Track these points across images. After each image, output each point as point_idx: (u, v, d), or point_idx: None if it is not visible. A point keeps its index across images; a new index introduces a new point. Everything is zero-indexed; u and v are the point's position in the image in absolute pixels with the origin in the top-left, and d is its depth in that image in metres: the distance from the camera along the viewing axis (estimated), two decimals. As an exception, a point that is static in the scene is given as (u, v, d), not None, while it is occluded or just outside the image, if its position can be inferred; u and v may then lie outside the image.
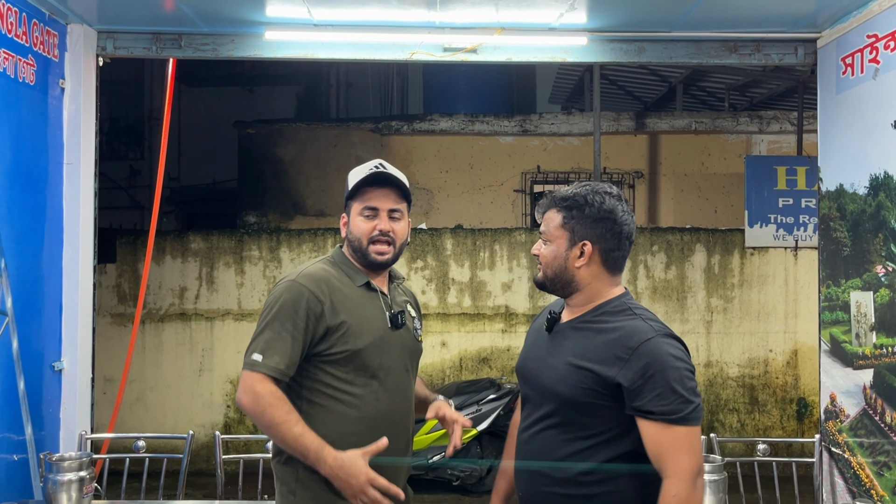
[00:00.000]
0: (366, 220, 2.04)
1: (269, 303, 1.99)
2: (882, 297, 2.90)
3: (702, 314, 6.75)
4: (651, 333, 1.74)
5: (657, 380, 1.69)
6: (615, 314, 1.81)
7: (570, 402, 1.77)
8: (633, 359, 1.71)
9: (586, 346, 1.79)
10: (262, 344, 1.94)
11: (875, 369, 2.94)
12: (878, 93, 2.91)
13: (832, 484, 3.21)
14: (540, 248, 1.88)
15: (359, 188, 2.04)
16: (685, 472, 1.67)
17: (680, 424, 1.68)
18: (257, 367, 1.92)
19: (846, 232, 3.15)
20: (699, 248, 6.79)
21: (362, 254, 2.04)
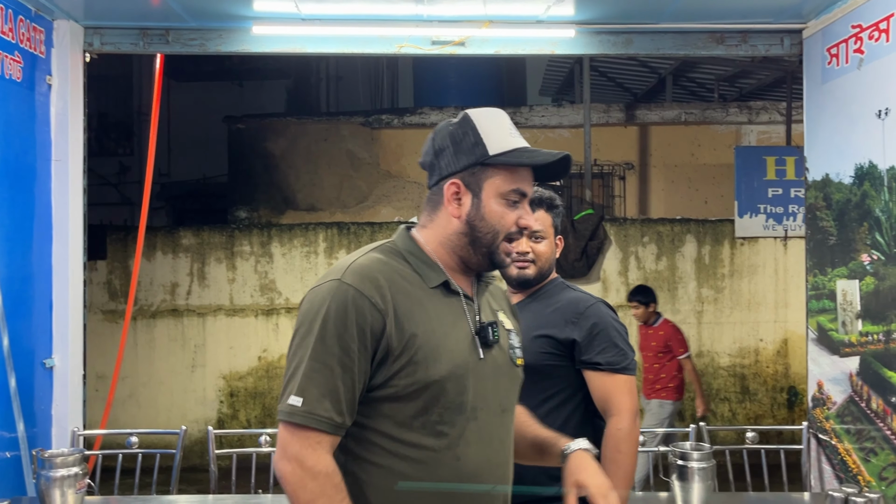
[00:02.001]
0: (510, 208, 1.43)
1: (306, 316, 1.35)
2: (867, 285, 2.93)
3: (693, 304, 6.79)
4: (592, 300, 2.10)
5: (602, 337, 2.05)
6: (558, 290, 2.12)
7: (533, 368, 1.92)
8: (582, 320, 2.05)
9: (539, 318, 2.05)
10: (301, 381, 1.32)
11: (861, 357, 2.97)
12: (862, 83, 2.93)
13: (820, 470, 3.25)
14: (532, 247, 2.05)
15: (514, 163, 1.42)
16: (627, 411, 2.01)
17: (621, 373, 2.04)
18: (298, 418, 1.31)
19: (832, 221, 3.18)
20: (690, 239, 6.82)
21: (489, 250, 1.43)
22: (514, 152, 1.41)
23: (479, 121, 1.43)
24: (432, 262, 1.44)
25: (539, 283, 2.10)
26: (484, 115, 1.44)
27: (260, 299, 6.57)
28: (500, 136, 1.42)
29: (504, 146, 1.41)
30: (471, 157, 1.41)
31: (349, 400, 1.33)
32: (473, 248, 1.43)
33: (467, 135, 1.42)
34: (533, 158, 1.42)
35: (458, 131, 1.43)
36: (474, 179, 1.41)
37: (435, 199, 1.45)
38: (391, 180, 8.12)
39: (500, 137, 1.42)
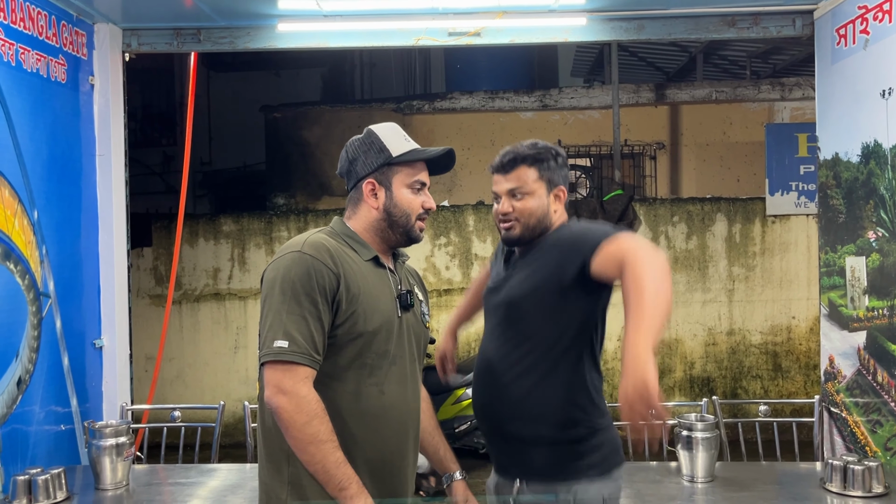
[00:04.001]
0: (415, 194, 1.83)
1: (273, 280, 1.67)
2: (873, 261, 2.99)
3: (723, 283, 6.82)
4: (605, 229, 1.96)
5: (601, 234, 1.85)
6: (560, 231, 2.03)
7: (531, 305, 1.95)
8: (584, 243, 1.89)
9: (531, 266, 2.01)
10: (281, 328, 1.62)
11: (868, 331, 3.04)
12: (868, 63, 2.98)
13: (832, 442, 3.33)
14: (513, 205, 2.00)
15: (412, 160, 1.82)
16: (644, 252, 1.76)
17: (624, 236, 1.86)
18: (286, 356, 1.60)
19: (841, 199, 3.24)
20: (720, 218, 6.83)
21: (405, 229, 1.83)
22: (411, 152, 1.82)
23: (381, 133, 1.84)
24: (364, 242, 1.83)
25: (532, 238, 2.01)
26: (384, 128, 1.86)
27: (298, 283, 6.81)
28: (398, 143, 1.83)
29: (402, 149, 1.82)
30: (379, 160, 1.81)
31: (321, 342, 1.67)
32: (392, 230, 1.84)
33: (373, 144, 1.82)
34: (426, 154, 1.83)
35: (365, 143, 1.84)
36: (384, 177, 1.82)
37: (356, 197, 1.86)
38: (424, 165, 8.26)
39: (398, 143, 1.83)
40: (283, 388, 1.61)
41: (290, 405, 1.60)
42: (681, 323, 6.85)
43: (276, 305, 1.65)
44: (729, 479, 2.69)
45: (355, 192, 1.85)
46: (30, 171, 2.91)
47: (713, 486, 2.61)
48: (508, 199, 2.02)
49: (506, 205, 2.02)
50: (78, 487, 2.71)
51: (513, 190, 2.02)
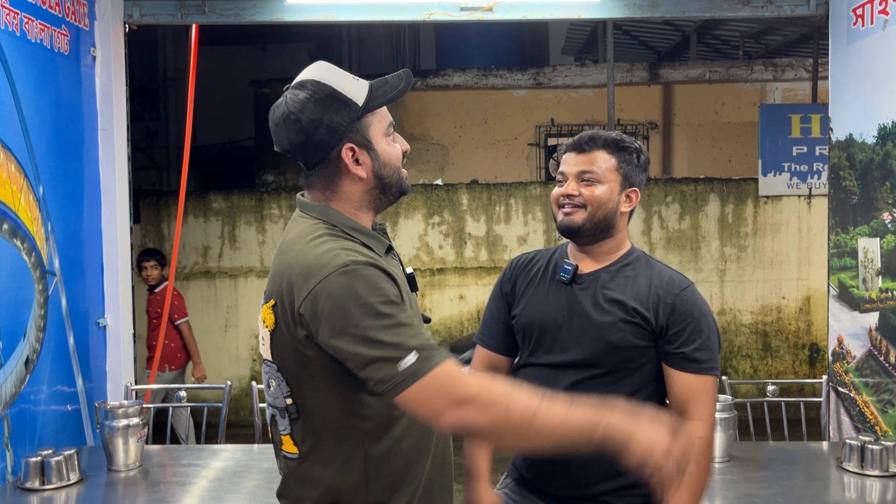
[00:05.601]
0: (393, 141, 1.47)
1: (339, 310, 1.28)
2: (888, 242, 3.01)
3: (715, 263, 6.87)
4: (687, 282, 1.83)
5: (699, 329, 1.76)
6: (641, 263, 1.86)
7: (619, 349, 1.78)
8: (678, 304, 1.77)
9: (630, 290, 1.81)
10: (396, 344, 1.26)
11: (881, 312, 3.07)
12: (886, 44, 2.97)
13: (839, 422, 3.37)
14: (581, 190, 1.81)
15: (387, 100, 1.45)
16: (710, 417, 1.78)
17: (710, 374, 1.76)
18: (427, 368, 1.25)
19: (855, 181, 3.25)
20: (713, 198, 6.87)
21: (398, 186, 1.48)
22: (376, 93, 1.42)
23: (333, 80, 1.41)
24: (372, 233, 1.45)
25: (593, 234, 1.82)
26: (329, 72, 1.43)
27: (290, 261, 6.74)
28: (354, 86, 1.41)
29: (362, 92, 1.41)
30: (349, 117, 1.39)
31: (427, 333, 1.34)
32: (385, 195, 1.47)
33: (334, 98, 1.39)
34: (396, 86, 1.44)
35: (323, 100, 1.40)
36: (360, 135, 1.41)
37: (328, 173, 1.43)
38: (415, 142, 8.19)
39: (355, 86, 1.41)
40: (456, 399, 1.25)
41: (479, 409, 1.25)
42: (673, 302, 6.89)
43: (367, 334, 1.26)
44: (746, 459, 2.71)
45: (326, 166, 1.42)
46: (35, 146, 2.82)
47: (731, 467, 2.63)
48: (577, 182, 1.81)
49: (573, 186, 1.81)
50: (90, 469, 2.66)
51: (584, 173, 1.81)
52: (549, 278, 1.89)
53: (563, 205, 1.83)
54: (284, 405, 1.41)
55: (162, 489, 2.52)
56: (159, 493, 2.48)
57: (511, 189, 6.77)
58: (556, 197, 1.86)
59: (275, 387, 1.42)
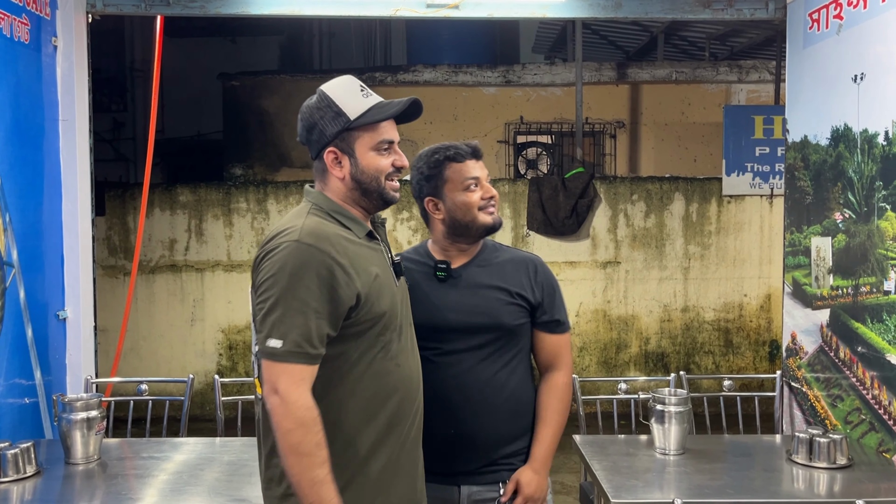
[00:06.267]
0: (382, 155, 1.72)
1: (269, 272, 1.58)
2: (839, 241, 3.10)
3: (679, 261, 6.98)
4: (539, 258, 2.15)
5: (559, 295, 2.13)
6: (496, 249, 2.14)
7: (509, 328, 2.04)
8: (543, 280, 2.09)
9: (504, 276, 2.06)
10: (277, 325, 1.55)
11: (831, 309, 3.15)
12: (840, 48, 3.05)
13: (791, 416, 3.46)
14: None
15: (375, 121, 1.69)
16: (570, 365, 2.16)
17: (568, 331, 2.16)
18: (280, 357, 1.54)
19: (809, 181, 3.33)
20: (678, 197, 6.97)
21: (378, 193, 1.72)
22: (371, 111, 1.69)
23: (335, 93, 1.70)
24: (354, 217, 1.73)
25: None
26: (338, 87, 1.71)
27: (257, 255, 6.71)
28: (355, 102, 1.69)
29: (361, 108, 1.69)
30: (336, 127, 1.68)
31: (321, 335, 1.58)
32: (366, 197, 1.73)
33: (329, 108, 1.68)
34: (387, 111, 1.70)
35: (320, 107, 1.70)
36: (346, 144, 1.69)
37: (321, 167, 1.74)
38: (385, 138, 8.21)
39: (356, 102, 1.69)
40: (276, 389, 1.55)
41: (280, 409, 1.54)
42: (638, 299, 6.99)
43: (273, 301, 1.56)
44: (700, 451, 2.77)
45: (319, 161, 1.73)
46: (-8, 135, 2.79)
47: (685, 459, 2.69)
48: (488, 185, 2.05)
49: (491, 189, 2.04)
50: (48, 462, 2.64)
51: (487, 176, 2.06)
52: (425, 278, 2.06)
53: (487, 206, 2.03)
54: (255, 351, 1.66)
55: (120, 482, 2.51)
56: (117, 486, 2.47)
57: (479, 185, 6.80)
58: (478, 201, 2.02)
59: (252, 336, 1.71)
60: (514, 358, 2.06)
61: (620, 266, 6.99)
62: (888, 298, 2.75)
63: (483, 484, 2.03)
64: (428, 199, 2.04)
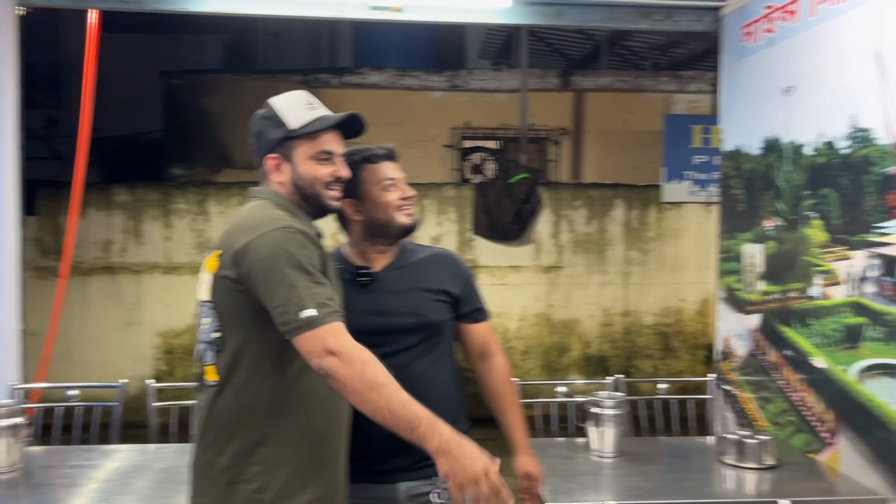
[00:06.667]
0: (321, 165, 1.81)
1: (270, 257, 1.62)
2: (770, 248, 3.19)
3: (620, 266, 7.11)
4: (451, 251, 2.23)
5: (473, 285, 2.19)
6: (412, 249, 2.16)
7: (437, 325, 2.08)
8: (462, 273, 2.16)
9: (424, 276, 2.10)
10: (303, 298, 1.58)
11: (762, 314, 3.25)
12: (771, 61, 3.15)
13: (724, 418, 3.55)
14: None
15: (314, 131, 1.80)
16: (501, 349, 2.21)
17: (489, 317, 2.22)
18: (320, 322, 1.57)
19: (742, 189, 3.43)
20: (619, 204, 7.10)
21: (316, 199, 1.82)
22: (312, 123, 1.80)
23: (279, 105, 1.82)
24: (303, 216, 1.82)
25: None
26: (284, 100, 1.84)
27: (196, 257, 6.58)
28: (298, 113, 1.81)
29: (304, 119, 1.80)
30: (278, 135, 1.80)
31: (336, 301, 1.68)
32: (306, 202, 1.83)
33: (272, 119, 1.81)
34: (326, 123, 1.81)
35: (265, 117, 1.83)
36: (286, 151, 1.81)
37: (264, 172, 1.86)
38: (330, 140, 8.14)
39: (299, 114, 1.81)
40: (329, 349, 1.56)
41: (342, 362, 1.56)
42: (579, 304, 7.09)
43: (287, 280, 1.60)
44: (634, 453, 2.82)
45: (263, 166, 1.85)
46: (-89, 129, 2.65)
47: (621, 461, 2.73)
48: (406, 186, 2.07)
49: (410, 189, 2.07)
50: (-34, 472, 2.52)
51: (402, 178, 2.08)
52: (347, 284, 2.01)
53: (404, 206, 2.05)
54: (212, 339, 1.73)
55: (45, 492, 2.43)
56: (42, 496, 2.38)
57: (425, 190, 6.81)
58: (395, 201, 2.04)
59: (207, 323, 1.74)
60: (442, 353, 2.10)
61: (563, 271, 7.08)
62: (813, 304, 2.85)
63: (420, 479, 2.04)
64: (346, 202, 2.02)
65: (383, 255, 2.10)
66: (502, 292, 6.99)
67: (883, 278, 2.48)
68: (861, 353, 2.58)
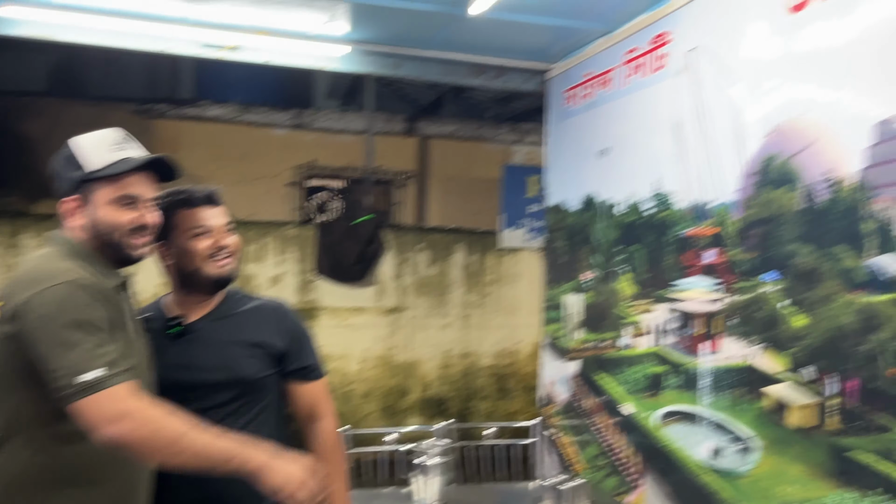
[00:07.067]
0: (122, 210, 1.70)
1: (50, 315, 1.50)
2: (588, 298, 3.38)
3: (460, 309, 7.26)
4: (286, 303, 2.10)
5: (308, 341, 2.07)
6: (240, 300, 2.05)
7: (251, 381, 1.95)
8: (291, 327, 2.03)
9: (245, 328, 1.98)
10: (84, 358, 1.47)
11: (580, 361, 3.42)
12: (590, 124, 3.38)
13: (546, 462, 3.68)
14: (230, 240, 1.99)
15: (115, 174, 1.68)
16: (332, 413, 2.09)
17: (323, 376, 2.08)
18: (101, 386, 1.45)
19: (564, 242, 3.62)
20: (460, 248, 7.29)
21: (115, 248, 1.71)
22: (113, 165, 1.69)
23: (80, 145, 1.71)
24: (102, 264, 1.70)
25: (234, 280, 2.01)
26: (85, 140, 1.73)
27: (6, 295, 6.00)
28: (100, 155, 1.70)
29: (105, 161, 1.69)
30: (74, 178, 1.69)
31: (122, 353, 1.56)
32: (107, 249, 1.71)
33: (69, 161, 1.70)
34: (128, 165, 1.70)
35: (62, 159, 1.72)
36: (84, 195, 1.70)
37: (62, 214, 1.76)
38: (166, 173, 7.78)
39: (100, 156, 1.70)
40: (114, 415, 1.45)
41: (132, 425, 1.45)
42: (420, 346, 7.16)
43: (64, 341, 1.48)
44: (458, 502, 2.85)
45: (61, 207, 1.75)
46: None
47: (444, 510, 2.75)
48: (225, 233, 1.98)
49: (227, 237, 1.97)
50: None
51: (227, 224, 2.00)
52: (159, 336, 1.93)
53: (217, 256, 1.93)
54: None
55: None
56: None
57: (266, 228, 6.66)
58: (205, 250, 1.93)
59: None
60: (261, 411, 1.97)
61: (405, 313, 7.13)
62: (622, 353, 3.04)
63: None
64: (158, 246, 1.93)
65: (202, 305, 1.99)
66: (344, 334, 6.92)
67: (680, 331, 2.69)
68: (662, 401, 2.78)
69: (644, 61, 2.86)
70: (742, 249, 2.32)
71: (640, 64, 2.90)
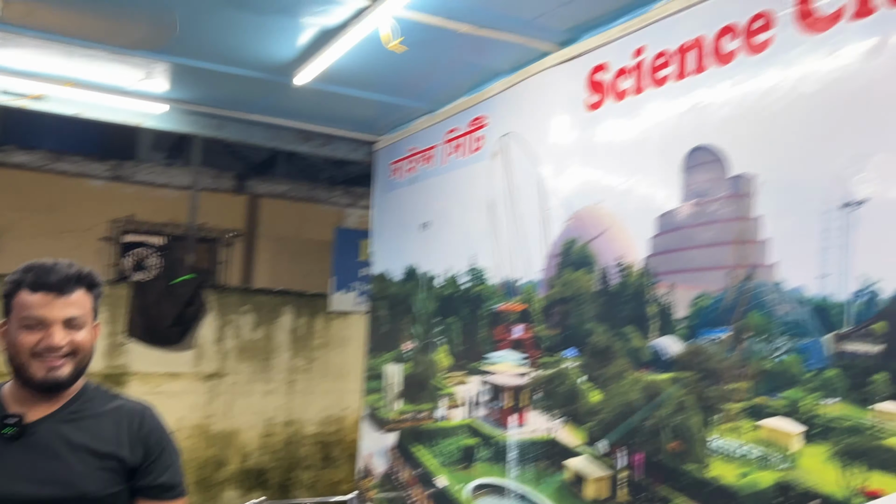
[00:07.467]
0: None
1: None
2: (408, 369, 3.40)
3: (285, 374, 7.04)
4: (149, 409, 1.81)
5: (170, 455, 1.78)
6: (97, 398, 1.76)
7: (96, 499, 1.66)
8: (149, 437, 1.74)
9: (94, 434, 1.70)
10: None
11: (398, 432, 3.41)
12: (413, 197, 3.46)
13: (363, 536, 3.60)
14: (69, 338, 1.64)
15: None
16: None
17: (184, 496, 1.80)
18: None
19: (387, 311, 3.64)
20: (288, 310, 7.11)
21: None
22: None
23: None
24: None
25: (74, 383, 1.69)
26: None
27: None
28: None
29: None
30: None
31: None
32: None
33: None
34: None
35: None
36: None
37: None
38: (-41, 221, 7.02)
39: None
40: None
41: None
42: (241, 414, 6.83)
43: None
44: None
45: None
46: None
47: None
48: (63, 329, 1.63)
49: (60, 335, 1.62)
50: None
51: (71, 319, 1.64)
52: None
53: (45, 357, 1.63)
54: None
55: None
56: None
57: (72, 286, 6.14)
58: (31, 345, 1.63)
59: None
60: None
61: (225, 378, 6.80)
62: (438, 424, 3.07)
63: None
64: (1, 324, 1.66)
65: (48, 402, 1.67)
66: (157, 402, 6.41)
67: (491, 403, 2.77)
68: (473, 473, 2.82)
69: (463, 142, 3.00)
70: (546, 326, 2.44)
71: (459, 144, 3.03)
